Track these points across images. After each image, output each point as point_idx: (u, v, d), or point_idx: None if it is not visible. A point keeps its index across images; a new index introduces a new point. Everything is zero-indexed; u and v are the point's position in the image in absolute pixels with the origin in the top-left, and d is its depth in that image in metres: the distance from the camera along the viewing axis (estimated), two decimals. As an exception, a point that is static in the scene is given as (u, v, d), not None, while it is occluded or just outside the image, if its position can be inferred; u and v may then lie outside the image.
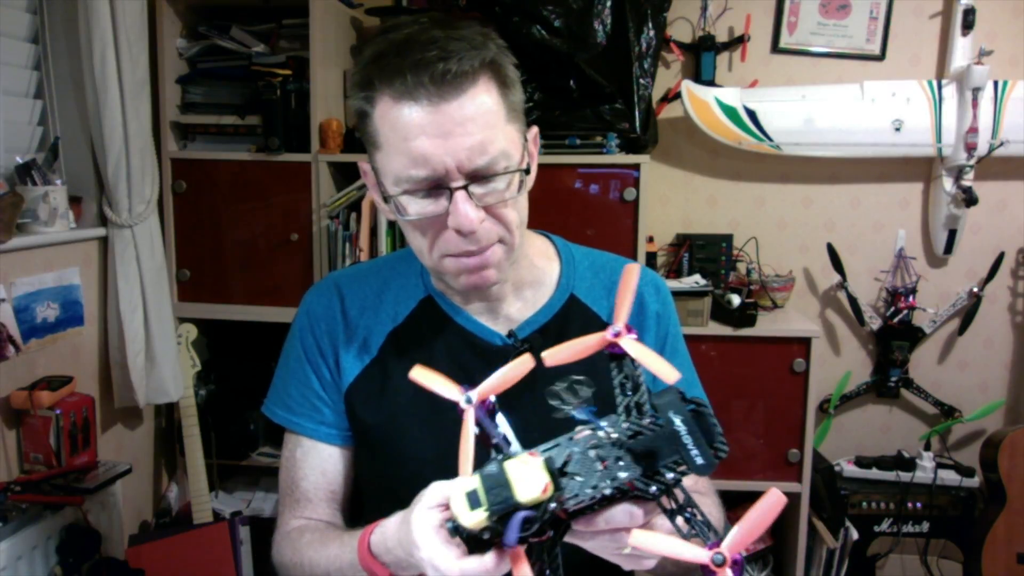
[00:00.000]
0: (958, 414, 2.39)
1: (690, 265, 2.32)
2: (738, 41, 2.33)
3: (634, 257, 1.97)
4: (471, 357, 0.92)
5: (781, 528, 2.26)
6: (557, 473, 0.58)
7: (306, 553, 0.90)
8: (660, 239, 2.40)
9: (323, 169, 2.02)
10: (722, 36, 2.35)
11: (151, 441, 2.17)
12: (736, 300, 2.04)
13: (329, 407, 0.97)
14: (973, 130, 2.19)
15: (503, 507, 0.56)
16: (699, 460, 0.55)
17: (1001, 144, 2.20)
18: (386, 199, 0.83)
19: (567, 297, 0.96)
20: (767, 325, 2.08)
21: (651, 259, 2.28)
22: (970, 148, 2.20)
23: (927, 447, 2.31)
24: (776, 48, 2.36)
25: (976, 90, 2.17)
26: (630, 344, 0.60)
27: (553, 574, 0.58)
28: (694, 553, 0.52)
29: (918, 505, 2.21)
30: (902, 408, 2.49)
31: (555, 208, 1.97)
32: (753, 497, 1.97)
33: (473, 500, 0.57)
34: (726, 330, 2.04)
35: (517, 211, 0.84)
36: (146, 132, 1.86)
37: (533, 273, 0.96)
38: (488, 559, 0.59)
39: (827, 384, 2.40)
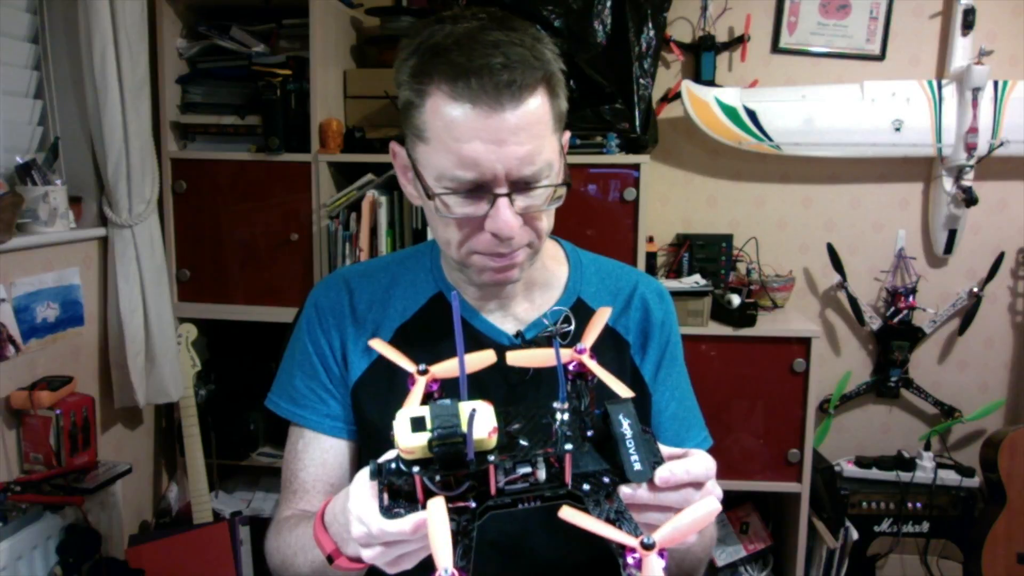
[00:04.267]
0: (958, 414, 2.39)
1: (690, 265, 2.32)
2: (738, 41, 2.33)
3: (634, 257, 1.97)
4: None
5: (781, 528, 2.27)
6: (505, 429, 0.57)
7: (283, 535, 0.90)
8: (660, 239, 2.40)
9: (323, 169, 2.02)
10: (722, 36, 2.35)
11: (151, 441, 2.17)
12: (736, 300, 2.04)
13: (336, 399, 0.97)
14: (973, 130, 2.19)
15: (448, 433, 0.53)
16: (636, 466, 0.56)
17: (1001, 144, 2.20)
18: (429, 195, 0.82)
19: (574, 300, 0.98)
20: (767, 325, 2.08)
21: (651, 259, 2.28)
22: (970, 148, 2.20)
23: (927, 447, 2.31)
24: (776, 48, 2.36)
25: (976, 90, 2.17)
26: (590, 362, 0.61)
27: (465, 553, 0.54)
28: (623, 536, 0.52)
29: (918, 505, 2.21)
30: (902, 408, 2.49)
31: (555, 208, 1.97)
32: (753, 497, 1.98)
33: (417, 425, 0.54)
34: (726, 330, 2.03)
35: (548, 218, 0.87)
36: (146, 132, 1.86)
37: (544, 275, 0.98)
38: (408, 521, 0.57)
39: (827, 384, 2.40)
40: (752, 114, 2.24)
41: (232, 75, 2.07)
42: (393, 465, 0.59)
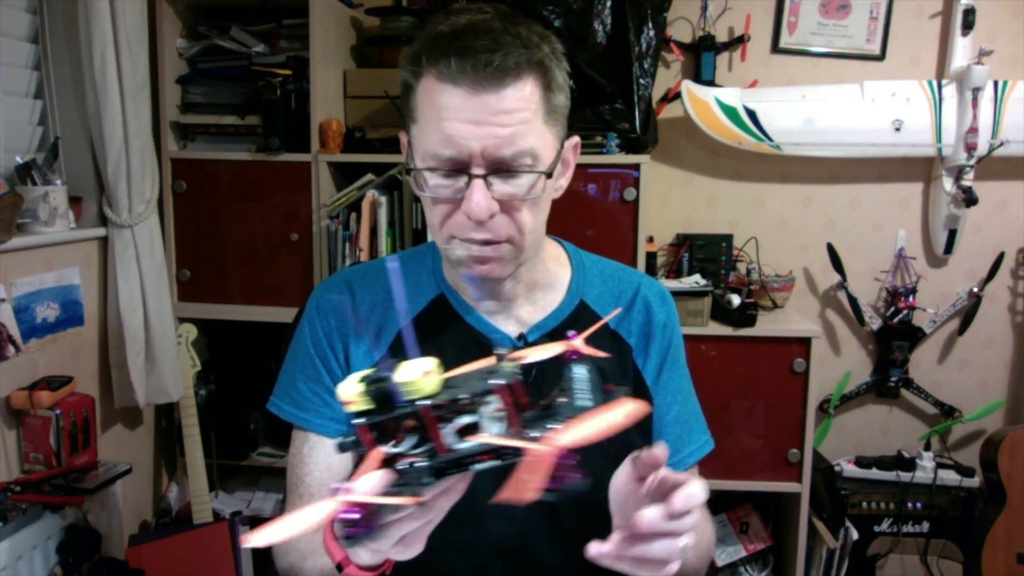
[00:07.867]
0: (958, 414, 2.38)
1: (690, 265, 2.32)
2: (738, 41, 2.33)
3: (634, 258, 1.97)
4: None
5: (781, 528, 2.26)
6: (445, 381, 0.57)
7: (292, 540, 0.90)
8: (660, 239, 2.40)
9: (323, 169, 2.02)
10: (722, 36, 2.35)
11: (151, 441, 2.17)
12: (736, 300, 2.04)
13: (339, 402, 0.96)
14: (973, 130, 2.19)
15: (379, 377, 0.55)
16: (587, 403, 0.55)
17: (1001, 144, 2.20)
18: (409, 170, 0.86)
19: (577, 303, 0.97)
20: (767, 325, 2.08)
21: (651, 259, 2.28)
22: (970, 148, 2.20)
23: (927, 447, 2.31)
24: (776, 48, 2.36)
25: (976, 90, 2.17)
26: (582, 345, 0.62)
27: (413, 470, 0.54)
28: (521, 442, 0.53)
29: (918, 505, 2.21)
30: (902, 408, 2.48)
31: (555, 208, 1.95)
32: (753, 497, 1.98)
33: (359, 379, 0.57)
34: (726, 330, 2.04)
35: (534, 215, 0.86)
36: (146, 132, 1.86)
37: (546, 277, 0.97)
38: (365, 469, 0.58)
39: (827, 384, 2.40)
40: (752, 114, 2.24)
41: (232, 75, 2.07)
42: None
